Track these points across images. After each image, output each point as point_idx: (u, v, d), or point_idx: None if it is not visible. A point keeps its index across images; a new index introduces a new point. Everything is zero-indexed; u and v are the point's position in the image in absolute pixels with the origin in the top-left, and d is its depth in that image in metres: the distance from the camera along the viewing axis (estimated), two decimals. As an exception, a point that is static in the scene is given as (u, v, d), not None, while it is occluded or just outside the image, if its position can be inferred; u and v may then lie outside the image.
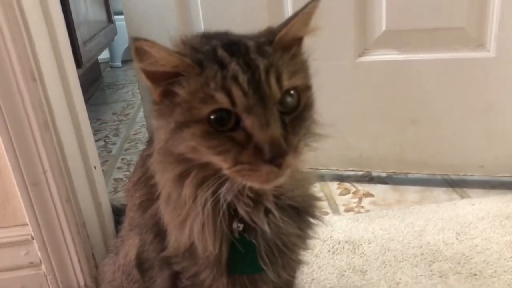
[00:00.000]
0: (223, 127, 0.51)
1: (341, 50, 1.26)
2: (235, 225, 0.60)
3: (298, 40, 0.58)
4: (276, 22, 1.30)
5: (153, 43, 0.50)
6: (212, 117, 0.51)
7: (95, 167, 1.08)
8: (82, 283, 1.05)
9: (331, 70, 1.25)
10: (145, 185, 0.67)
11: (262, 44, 0.54)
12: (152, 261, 0.69)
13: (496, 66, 1.19)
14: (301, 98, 0.55)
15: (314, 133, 0.60)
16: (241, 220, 0.60)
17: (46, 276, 1.04)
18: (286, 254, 0.64)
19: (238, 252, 0.62)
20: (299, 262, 0.69)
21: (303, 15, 0.56)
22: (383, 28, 1.23)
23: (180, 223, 0.60)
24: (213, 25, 1.39)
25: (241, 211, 0.59)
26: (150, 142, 0.70)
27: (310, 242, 0.69)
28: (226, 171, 0.53)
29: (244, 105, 0.50)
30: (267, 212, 0.60)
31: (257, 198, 0.59)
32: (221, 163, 0.53)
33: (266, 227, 0.60)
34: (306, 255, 0.70)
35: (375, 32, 1.24)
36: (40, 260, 1.02)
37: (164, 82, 0.53)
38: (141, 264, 0.72)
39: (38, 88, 0.89)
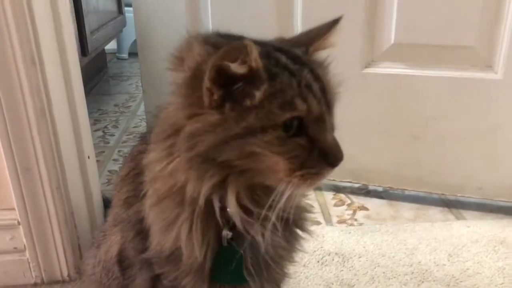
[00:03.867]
0: (288, 132, 0.52)
1: (348, 59, 1.24)
2: (224, 233, 0.59)
3: None
4: (284, 24, 1.29)
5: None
6: (287, 123, 0.51)
7: (88, 157, 1.07)
8: (65, 273, 1.04)
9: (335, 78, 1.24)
10: (133, 181, 0.66)
11: (304, 53, 0.57)
12: (133, 260, 0.68)
13: (503, 89, 1.17)
14: None
15: None
16: (231, 228, 0.59)
17: (29, 263, 1.02)
18: (271, 267, 0.63)
19: (223, 261, 0.60)
20: (284, 275, 0.68)
21: (325, 35, 0.60)
22: (392, 41, 1.21)
23: (166, 227, 0.59)
24: (222, 23, 1.38)
25: (236, 220, 0.57)
26: (143, 138, 0.69)
27: (296, 255, 0.68)
28: (285, 178, 0.52)
29: (317, 113, 0.52)
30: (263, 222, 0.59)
31: (255, 209, 0.57)
32: (283, 169, 0.52)
33: (260, 238, 0.58)
34: (291, 268, 0.69)
35: (383, 45, 1.23)
36: (24, 246, 1.01)
37: (231, 86, 0.51)
38: (122, 261, 0.70)
39: (37, 73, 0.88)
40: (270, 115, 0.50)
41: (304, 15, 1.25)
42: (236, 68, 0.49)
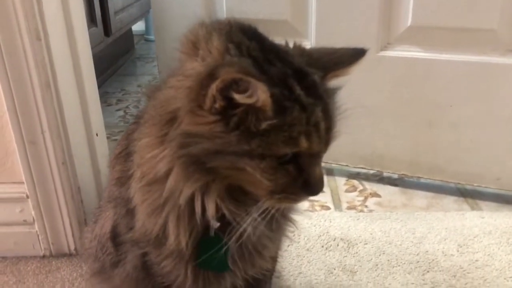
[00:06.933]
0: (280, 160, 0.52)
1: (363, 42, 1.17)
2: (212, 223, 0.59)
3: None
4: (299, 4, 1.26)
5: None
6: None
7: (97, 134, 1.08)
8: (72, 247, 1.06)
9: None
10: (125, 160, 0.66)
11: (321, 79, 0.55)
12: (124, 236, 0.69)
13: (526, 75, 1.11)
14: None
15: None
16: (218, 218, 0.58)
17: (38, 236, 1.05)
18: (254, 255, 0.63)
19: (209, 249, 0.60)
20: (267, 262, 0.68)
21: (349, 65, 0.59)
22: (409, 23, 1.17)
23: (153, 210, 0.59)
24: (236, 3, 1.36)
25: (226, 211, 0.56)
26: (137, 117, 0.69)
27: (281, 244, 0.69)
28: (264, 196, 0.54)
29: (316, 150, 0.52)
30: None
31: (245, 199, 0.57)
32: (265, 189, 0.53)
33: (249, 228, 0.57)
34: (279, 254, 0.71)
35: (399, 27, 1.19)
36: (33, 219, 1.03)
37: (236, 111, 0.49)
38: (115, 237, 0.71)
39: (42, 48, 0.89)
40: (273, 146, 0.50)
41: (319, -5, 1.22)
42: (241, 98, 0.47)
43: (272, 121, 0.49)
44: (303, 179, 0.53)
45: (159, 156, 0.54)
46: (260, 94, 0.47)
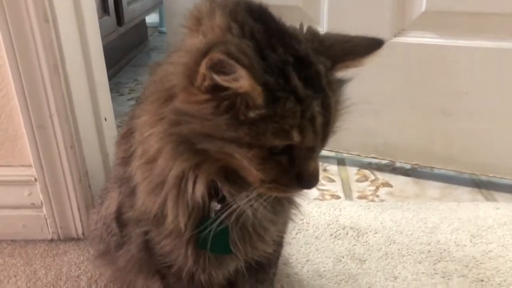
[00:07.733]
0: (272, 151, 0.50)
1: (376, 28, 1.18)
2: (213, 204, 0.58)
3: None
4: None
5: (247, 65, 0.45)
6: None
7: (105, 119, 1.07)
8: (80, 231, 1.06)
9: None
10: (129, 140, 0.65)
11: (328, 70, 0.52)
12: (127, 215, 0.68)
13: (545, 62, 1.08)
14: None
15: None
16: (220, 200, 0.58)
17: (46, 219, 1.05)
18: (254, 238, 0.62)
19: (210, 231, 0.59)
20: (269, 245, 0.67)
21: (363, 56, 0.54)
22: (423, 8, 1.14)
23: (152, 189, 0.58)
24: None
25: (226, 192, 0.56)
26: (141, 98, 0.68)
27: (284, 227, 0.68)
28: (255, 184, 0.52)
29: (310, 144, 0.50)
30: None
31: (242, 182, 0.56)
32: (255, 177, 0.52)
33: (249, 211, 0.57)
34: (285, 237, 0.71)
35: (414, 12, 1.16)
36: (41, 202, 1.03)
37: (225, 93, 0.47)
38: (120, 217, 0.71)
39: (51, 30, 0.88)
40: (261, 137, 0.48)
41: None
42: (222, 81, 0.45)
43: (261, 111, 0.47)
44: (296, 172, 0.51)
45: (153, 134, 0.53)
46: (243, 80, 0.45)
